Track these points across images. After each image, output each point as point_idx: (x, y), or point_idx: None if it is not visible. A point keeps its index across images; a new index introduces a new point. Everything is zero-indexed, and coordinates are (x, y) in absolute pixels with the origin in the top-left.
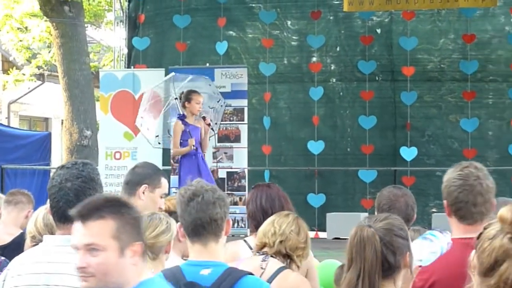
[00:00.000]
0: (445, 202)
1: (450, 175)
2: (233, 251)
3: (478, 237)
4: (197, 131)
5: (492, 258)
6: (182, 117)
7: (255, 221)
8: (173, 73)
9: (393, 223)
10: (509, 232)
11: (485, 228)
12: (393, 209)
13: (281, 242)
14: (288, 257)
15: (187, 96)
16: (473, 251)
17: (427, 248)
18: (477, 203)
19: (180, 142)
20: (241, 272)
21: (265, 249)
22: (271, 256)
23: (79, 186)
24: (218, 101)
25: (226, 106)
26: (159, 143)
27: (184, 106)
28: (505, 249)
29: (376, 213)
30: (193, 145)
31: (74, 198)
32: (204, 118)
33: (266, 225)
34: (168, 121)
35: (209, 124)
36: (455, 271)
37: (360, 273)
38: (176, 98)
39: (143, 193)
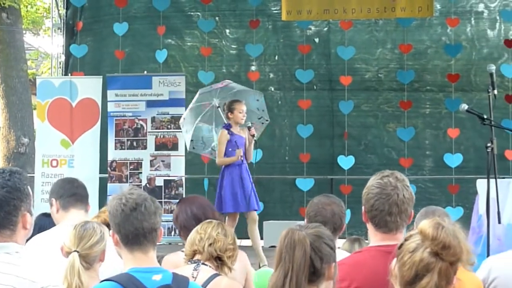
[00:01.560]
0: (363, 208)
1: (370, 182)
2: (174, 262)
3: (400, 247)
4: (242, 141)
5: (412, 272)
6: (227, 127)
7: (189, 231)
8: (227, 81)
9: (323, 232)
10: (429, 246)
11: (405, 240)
12: (319, 216)
13: (210, 245)
14: (219, 259)
15: (230, 106)
16: (394, 259)
17: None
18: (392, 212)
19: (225, 152)
20: (185, 277)
21: (197, 257)
22: (203, 264)
23: (3, 196)
24: (259, 118)
25: (266, 122)
26: (193, 148)
27: (228, 117)
28: (425, 264)
29: (305, 220)
30: (241, 156)
31: None
32: (249, 128)
33: (192, 235)
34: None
35: (253, 135)
36: (375, 278)
37: (288, 273)
38: (218, 107)
39: None
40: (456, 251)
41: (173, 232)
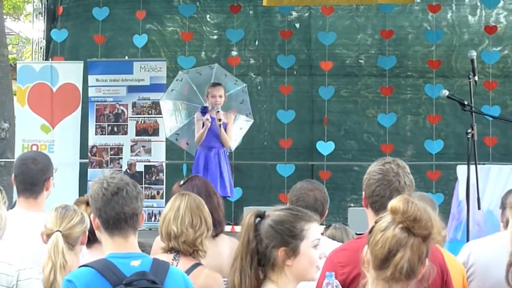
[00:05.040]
0: (363, 193)
1: (372, 168)
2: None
3: (370, 231)
4: (215, 125)
5: (385, 249)
6: (202, 109)
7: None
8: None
9: (283, 217)
10: (400, 221)
11: (376, 222)
12: (301, 201)
13: (184, 242)
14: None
15: (207, 90)
16: (365, 247)
17: None
18: (392, 198)
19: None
20: (165, 262)
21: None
22: (182, 253)
23: None
24: (243, 91)
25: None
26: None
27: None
28: (398, 239)
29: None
30: (208, 119)
31: None
32: (217, 112)
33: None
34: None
35: (219, 120)
36: None
37: (237, 255)
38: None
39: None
40: (427, 224)
41: (153, 218)
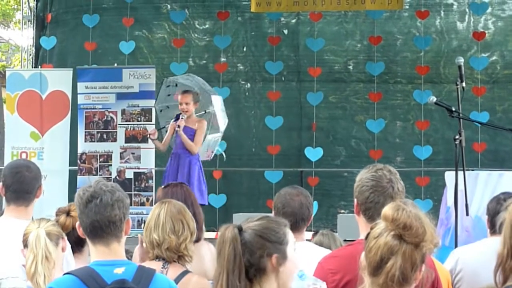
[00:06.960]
0: (355, 200)
1: (364, 175)
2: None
3: (366, 238)
4: (188, 132)
5: (378, 256)
6: (175, 117)
7: None
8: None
9: (266, 225)
10: (392, 229)
11: (371, 228)
12: (287, 207)
13: (167, 249)
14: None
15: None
16: (363, 252)
17: None
18: (386, 205)
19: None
20: (151, 269)
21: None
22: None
23: None
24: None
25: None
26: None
27: None
28: (389, 246)
29: (273, 212)
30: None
31: None
32: (178, 117)
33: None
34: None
35: (178, 126)
36: None
37: (222, 270)
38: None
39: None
40: (419, 231)
41: (142, 225)
